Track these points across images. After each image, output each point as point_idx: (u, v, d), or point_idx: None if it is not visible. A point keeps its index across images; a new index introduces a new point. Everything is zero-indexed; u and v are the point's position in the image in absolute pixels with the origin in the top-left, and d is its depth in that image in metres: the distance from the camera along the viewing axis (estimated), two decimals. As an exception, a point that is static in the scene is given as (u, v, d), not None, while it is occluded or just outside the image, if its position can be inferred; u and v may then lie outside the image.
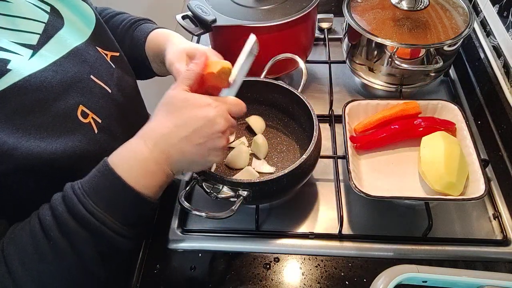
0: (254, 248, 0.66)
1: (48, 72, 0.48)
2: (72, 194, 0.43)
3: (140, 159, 0.46)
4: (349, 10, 0.82)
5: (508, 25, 0.79)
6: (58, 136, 0.46)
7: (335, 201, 0.71)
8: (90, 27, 0.58)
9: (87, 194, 0.43)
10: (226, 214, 0.55)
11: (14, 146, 0.42)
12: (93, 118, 0.52)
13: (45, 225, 0.42)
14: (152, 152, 0.46)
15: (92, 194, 0.43)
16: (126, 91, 0.61)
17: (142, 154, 0.46)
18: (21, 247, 0.42)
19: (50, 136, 0.45)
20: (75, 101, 0.50)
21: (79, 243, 0.42)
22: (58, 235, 0.42)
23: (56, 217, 0.42)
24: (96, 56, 0.56)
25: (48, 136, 0.45)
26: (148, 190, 0.46)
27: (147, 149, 0.46)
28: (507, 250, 0.64)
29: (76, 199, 0.42)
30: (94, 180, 0.44)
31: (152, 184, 0.46)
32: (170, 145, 0.46)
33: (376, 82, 0.85)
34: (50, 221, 0.42)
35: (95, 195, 0.43)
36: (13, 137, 0.42)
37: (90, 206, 0.42)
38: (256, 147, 0.74)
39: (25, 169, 0.43)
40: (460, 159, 0.65)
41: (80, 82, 0.52)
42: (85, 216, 0.42)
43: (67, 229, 0.42)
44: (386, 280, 0.49)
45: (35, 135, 0.44)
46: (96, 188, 0.44)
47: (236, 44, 0.80)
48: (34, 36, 0.49)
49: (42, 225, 0.42)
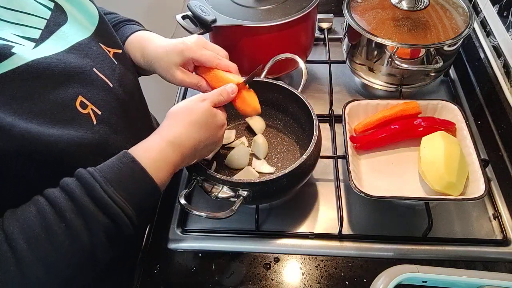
0: (254, 248, 0.66)
1: (52, 60, 0.48)
2: (92, 179, 0.44)
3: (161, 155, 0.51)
4: (349, 10, 0.82)
5: (508, 25, 0.79)
6: (55, 124, 0.46)
7: (335, 201, 0.71)
8: (94, 24, 0.58)
9: (109, 181, 0.45)
10: (226, 214, 0.55)
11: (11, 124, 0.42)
12: (92, 110, 0.52)
13: (59, 207, 0.42)
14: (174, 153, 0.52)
15: (115, 181, 0.45)
16: (128, 87, 0.61)
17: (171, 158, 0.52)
18: (27, 227, 0.42)
19: (47, 122, 0.46)
20: (75, 91, 0.50)
21: (95, 226, 0.43)
22: (73, 217, 0.42)
23: (73, 200, 0.43)
24: (98, 52, 0.57)
25: (45, 122, 0.45)
26: (161, 183, 0.50)
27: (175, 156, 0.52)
28: (507, 250, 0.64)
29: (98, 186, 0.44)
30: (117, 170, 0.47)
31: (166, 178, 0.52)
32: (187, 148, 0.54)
33: (376, 82, 0.85)
34: (65, 203, 0.43)
35: (118, 183, 0.45)
36: (11, 118, 0.42)
37: (112, 193, 0.44)
38: (256, 147, 0.74)
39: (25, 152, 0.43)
40: (460, 159, 0.65)
41: (82, 74, 0.52)
42: (107, 202, 0.44)
43: (85, 212, 0.43)
44: (386, 280, 0.49)
45: (32, 120, 0.44)
46: (119, 177, 0.46)
47: (236, 44, 0.80)
48: (37, 31, 0.49)
49: (55, 206, 0.42)
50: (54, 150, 0.46)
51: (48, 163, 0.46)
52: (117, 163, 0.47)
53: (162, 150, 0.51)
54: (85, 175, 0.45)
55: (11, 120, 0.42)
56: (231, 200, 0.59)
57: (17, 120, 0.43)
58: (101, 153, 0.49)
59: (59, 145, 0.46)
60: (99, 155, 0.48)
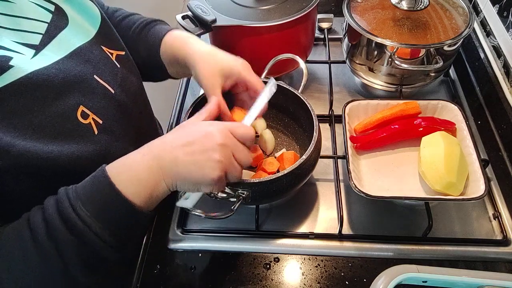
0: (254, 248, 0.66)
1: (51, 70, 0.47)
2: (65, 196, 0.43)
3: (130, 165, 0.46)
4: (349, 10, 0.82)
5: (508, 25, 0.79)
6: (55, 138, 0.46)
7: (335, 201, 0.71)
8: (95, 26, 0.58)
9: (78, 197, 0.43)
10: (226, 214, 0.55)
11: (11, 144, 0.41)
12: (93, 119, 0.51)
13: (33, 227, 0.41)
14: (145, 156, 0.46)
15: (83, 197, 0.43)
16: (131, 91, 0.60)
17: (134, 160, 0.46)
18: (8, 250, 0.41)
19: (47, 136, 0.45)
20: (76, 101, 0.49)
21: (64, 246, 0.41)
22: (44, 238, 0.41)
23: (45, 219, 0.42)
24: (100, 56, 0.56)
25: (45, 137, 0.45)
26: (138, 199, 0.44)
27: (140, 156, 0.46)
28: (507, 250, 0.64)
29: (67, 202, 0.42)
30: (87, 184, 0.44)
31: (142, 193, 0.45)
32: (164, 150, 0.46)
33: (376, 82, 0.85)
34: (39, 222, 0.42)
35: (86, 198, 0.43)
36: (9, 136, 0.42)
37: (78, 208, 0.42)
38: (263, 142, 0.73)
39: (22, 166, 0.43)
40: (460, 159, 0.65)
41: (83, 82, 0.51)
42: (72, 218, 0.41)
43: (54, 232, 0.41)
44: (386, 280, 0.49)
45: (32, 135, 0.44)
46: (87, 192, 0.43)
47: (236, 44, 0.80)
48: (37, 36, 0.48)
49: (31, 226, 0.42)
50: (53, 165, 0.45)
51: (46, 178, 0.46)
52: (90, 177, 0.45)
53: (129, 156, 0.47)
54: (61, 192, 0.44)
55: (10, 139, 0.41)
56: (230, 200, 0.59)
57: (16, 138, 0.42)
58: (101, 162, 0.47)
59: (59, 160, 0.46)
60: (99, 165, 0.46)
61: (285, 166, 0.67)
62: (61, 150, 0.46)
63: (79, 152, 0.48)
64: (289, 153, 0.70)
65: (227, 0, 0.81)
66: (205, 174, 0.46)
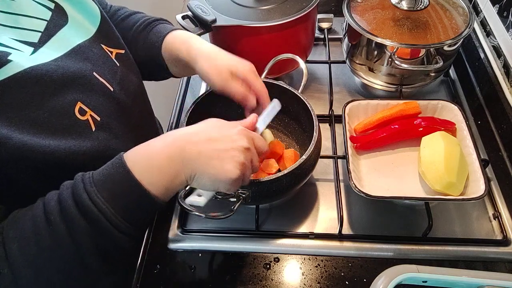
0: (254, 248, 0.66)
1: (50, 66, 0.47)
2: (81, 181, 0.43)
3: (150, 154, 0.45)
4: (349, 10, 0.82)
5: (508, 25, 0.79)
6: (52, 133, 0.46)
7: (335, 201, 0.71)
8: (95, 25, 0.58)
9: (94, 183, 0.42)
10: (226, 214, 0.55)
11: (7, 136, 0.41)
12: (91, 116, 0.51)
13: (48, 209, 0.41)
14: (168, 146, 0.45)
15: (99, 183, 0.43)
16: (130, 89, 0.60)
17: (154, 149, 0.45)
18: (21, 231, 0.41)
19: (44, 131, 0.45)
20: (74, 97, 0.49)
21: (77, 231, 0.41)
22: (57, 220, 0.41)
23: (60, 202, 0.42)
24: (99, 54, 0.56)
25: (42, 131, 0.45)
26: (155, 189, 0.44)
27: (161, 144, 0.45)
28: (507, 250, 0.64)
29: (82, 186, 0.42)
30: (104, 171, 0.44)
31: (160, 183, 0.44)
32: (189, 142, 0.46)
33: (376, 82, 0.85)
34: (53, 205, 0.42)
35: (101, 185, 0.42)
36: (6, 129, 0.42)
37: (93, 194, 0.41)
38: None
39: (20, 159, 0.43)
40: (460, 159, 0.65)
41: (82, 79, 0.51)
42: (87, 204, 0.41)
43: (68, 216, 0.41)
44: (386, 280, 0.49)
45: (29, 130, 0.44)
46: (103, 178, 0.43)
47: (236, 44, 0.80)
48: (36, 34, 0.49)
49: (46, 209, 0.42)
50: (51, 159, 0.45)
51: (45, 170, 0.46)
52: (108, 163, 0.45)
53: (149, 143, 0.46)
54: (78, 176, 0.44)
55: (7, 131, 0.42)
56: (230, 200, 0.59)
57: (13, 131, 0.42)
58: (101, 158, 0.47)
59: (56, 154, 0.45)
60: (99, 161, 0.46)
61: (286, 164, 0.67)
62: (58, 145, 0.46)
63: (76, 148, 0.48)
64: (289, 151, 0.70)
65: (227, 0, 0.81)
66: (227, 171, 0.46)
